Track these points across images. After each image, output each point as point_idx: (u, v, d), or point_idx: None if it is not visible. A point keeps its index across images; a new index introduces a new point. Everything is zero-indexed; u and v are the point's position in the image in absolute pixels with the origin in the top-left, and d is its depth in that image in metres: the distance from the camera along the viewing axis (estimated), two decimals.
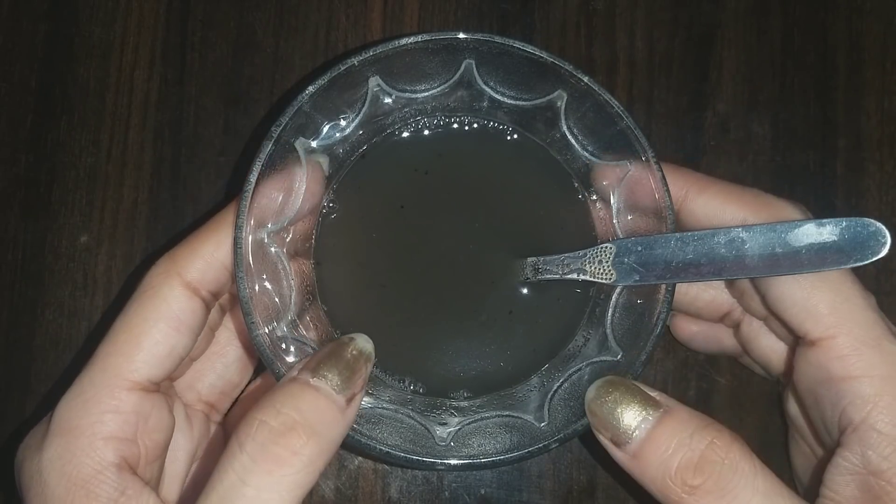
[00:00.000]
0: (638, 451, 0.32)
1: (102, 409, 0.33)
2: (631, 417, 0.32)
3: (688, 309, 0.43)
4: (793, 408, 0.41)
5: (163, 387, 0.37)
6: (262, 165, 0.35)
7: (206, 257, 0.36)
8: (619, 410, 0.32)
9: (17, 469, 0.34)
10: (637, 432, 0.32)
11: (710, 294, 0.42)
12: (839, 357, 0.34)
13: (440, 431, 0.36)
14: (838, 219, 0.33)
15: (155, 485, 0.36)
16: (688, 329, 0.45)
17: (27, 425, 0.35)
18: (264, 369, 0.42)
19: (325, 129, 0.38)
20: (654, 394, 0.33)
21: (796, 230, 0.33)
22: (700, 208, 0.38)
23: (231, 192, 0.49)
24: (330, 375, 0.31)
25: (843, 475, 0.34)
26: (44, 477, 0.32)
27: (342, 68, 0.36)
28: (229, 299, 0.40)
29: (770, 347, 0.41)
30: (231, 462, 0.29)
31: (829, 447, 0.36)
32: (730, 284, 0.42)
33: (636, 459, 0.32)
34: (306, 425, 0.30)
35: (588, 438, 0.34)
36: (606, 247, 0.37)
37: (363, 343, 0.34)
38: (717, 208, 0.37)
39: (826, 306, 0.35)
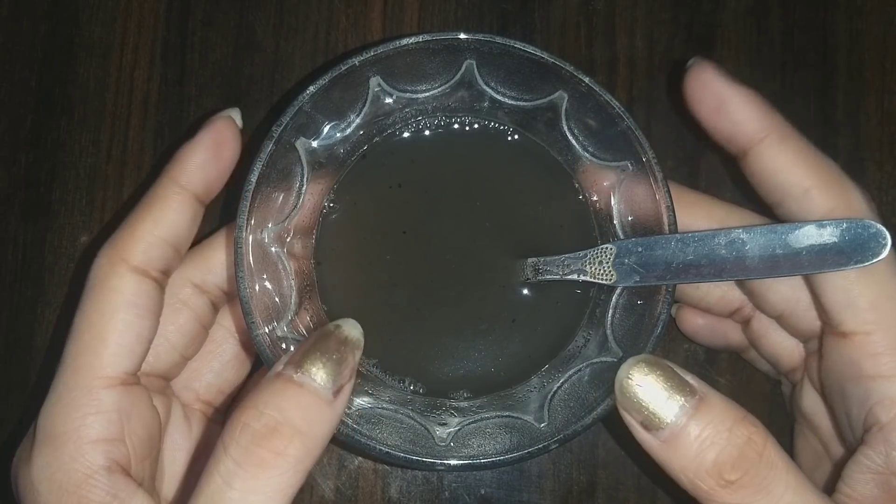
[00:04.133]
0: (671, 438, 0.30)
1: (83, 412, 0.33)
2: (666, 402, 0.31)
3: (698, 303, 0.43)
4: (807, 402, 0.41)
5: (156, 385, 0.37)
6: (263, 165, 0.35)
7: (146, 237, 0.35)
8: (653, 394, 0.31)
9: (13, 484, 0.34)
10: (672, 419, 0.30)
11: (721, 289, 0.42)
12: (872, 354, 0.34)
13: (440, 432, 0.36)
14: (839, 220, 0.33)
15: (149, 484, 0.35)
16: (694, 322, 0.45)
17: (26, 426, 0.35)
18: (261, 366, 0.42)
19: (326, 129, 0.38)
20: (689, 378, 0.31)
21: (797, 232, 0.33)
22: (771, 159, 0.36)
23: (231, 192, 0.49)
24: (314, 369, 0.30)
25: (864, 473, 0.34)
26: (35, 487, 0.32)
27: (343, 68, 0.36)
28: (222, 297, 0.40)
29: (780, 343, 0.41)
30: (217, 466, 0.29)
31: (850, 443, 0.35)
32: (740, 283, 0.41)
33: (668, 446, 0.31)
34: (289, 425, 0.29)
35: (585, 439, 0.33)
36: (607, 248, 0.37)
37: (349, 329, 0.32)
38: (788, 165, 0.36)
39: (867, 301, 0.34)
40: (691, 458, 0.30)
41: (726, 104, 0.37)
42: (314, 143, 0.38)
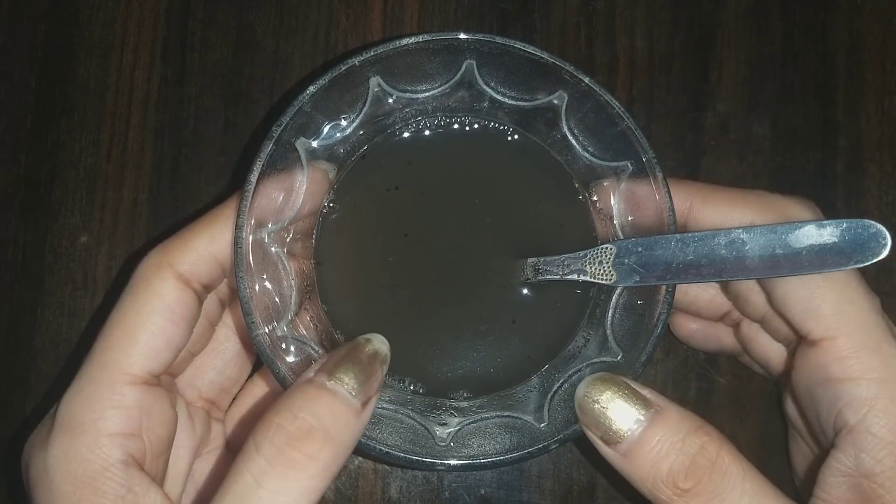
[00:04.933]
0: (629, 451, 0.32)
1: (105, 405, 0.33)
2: (622, 417, 0.32)
3: (687, 308, 0.43)
4: (791, 408, 0.42)
5: (165, 382, 0.37)
6: (263, 165, 0.35)
7: (198, 250, 0.36)
8: (610, 409, 0.32)
9: (23, 468, 0.34)
10: (628, 432, 0.32)
11: (709, 294, 0.42)
12: (838, 358, 0.34)
13: (440, 432, 0.36)
14: (839, 220, 0.33)
15: (160, 480, 0.36)
16: (687, 327, 0.45)
17: (28, 426, 0.35)
18: (262, 366, 0.42)
19: (326, 129, 0.38)
20: (644, 392, 0.33)
21: (797, 231, 0.33)
22: (707, 217, 0.38)
23: (231, 192, 0.49)
24: (346, 378, 0.31)
25: (836, 476, 0.34)
26: (50, 475, 0.32)
27: (343, 68, 0.36)
28: (229, 294, 0.40)
29: (769, 347, 0.41)
30: (247, 464, 0.29)
31: (826, 448, 0.36)
32: (724, 288, 0.42)
33: (626, 459, 0.32)
34: (323, 430, 0.30)
35: (584, 442, 0.34)
36: (607, 248, 0.37)
37: (379, 344, 0.34)
38: (724, 214, 0.37)
39: (829, 307, 0.35)
40: (648, 468, 0.31)
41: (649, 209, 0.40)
42: (314, 143, 0.38)
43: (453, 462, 0.34)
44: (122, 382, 0.34)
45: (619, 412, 0.32)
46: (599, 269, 0.37)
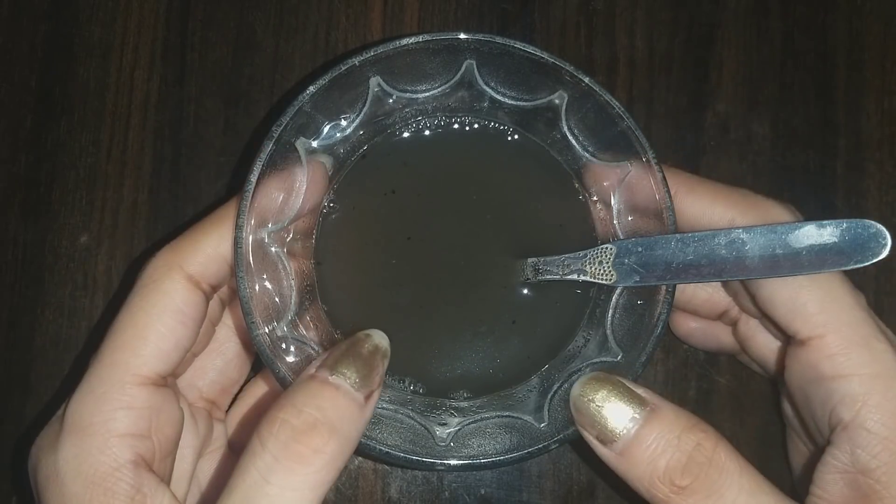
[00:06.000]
0: (625, 450, 0.32)
1: (115, 405, 0.33)
2: (617, 416, 0.32)
3: (685, 306, 0.44)
4: (788, 408, 0.42)
5: (168, 382, 0.37)
6: (263, 165, 0.35)
7: (208, 251, 0.36)
8: (605, 408, 0.32)
9: (31, 469, 0.34)
10: (624, 431, 0.32)
11: (706, 292, 0.42)
12: (828, 356, 0.34)
13: (440, 432, 0.36)
14: (839, 220, 0.33)
15: (167, 481, 0.36)
16: (686, 325, 0.45)
17: (31, 427, 0.35)
18: (262, 366, 0.42)
19: (326, 128, 0.38)
20: (639, 391, 0.33)
21: (797, 231, 0.33)
22: (688, 208, 0.38)
23: (231, 192, 0.49)
24: (348, 373, 0.32)
25: (832, 473, 0.34)
26: (60, 477, 0.32)
27: (343, 68, 0.36)
28: (229, 294, 0.40)
29: (767, 346, 0.41)
30: (253, 460, 0.29)
31: (821, 446, 0.36)
32: (725, 283, 0.42)
33: (622, 458, 0.32)
34: (327, 423, 0.30)
35: (582, 444, 0.34)
36: (607, 248, 0.37)
37: (379, 339, 0.34)
38: (706, 208, 0.37)
39: (815, 305, 0.35)
40: (644, 466, 0.31)
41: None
42: (314, 143, 0.38)
43: (453, 462, 0.34)
44: (131, 383, 0.34)
45: (614, 411, 0.32)
46: (599, 269, 0.37)
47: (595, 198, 0.40)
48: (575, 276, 0.38)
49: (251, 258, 0.35)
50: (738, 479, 0.31)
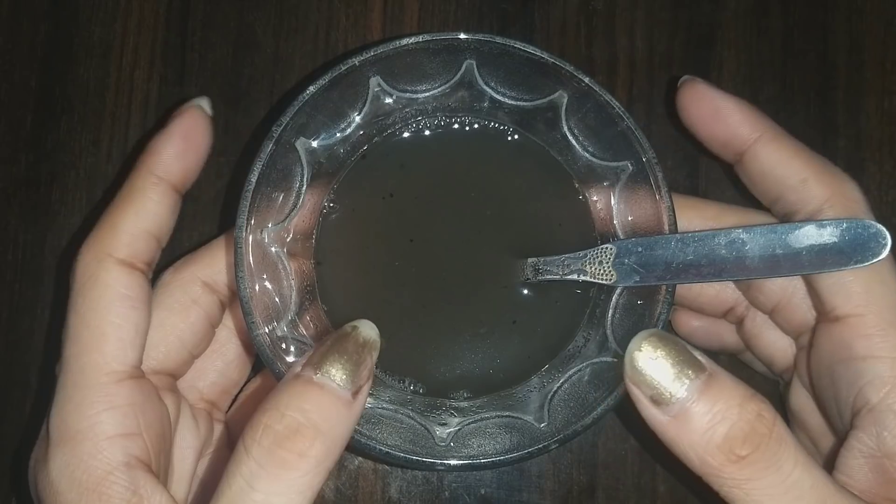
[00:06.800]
0: (681, 414, 0.30)
1: (97, 408, 0.33)
2: (676, 378, 0.30)
3: (691, 304, 0.43)
4: (795, 400, 0.41)
5: (165, 383, 0.37)
6: (263, 165, 0.35)
7: (129, 230, 0.35)
8: (664, 368, 0.30)
9: (31, 487, 0.34)
10: (682, 394, 0.30)
11: (714, 289, 0.42)
12: (864, 336, 0.34)
13: (440, 432, 0.36)
14: (839, 220, 0.33)
15: (164, 478, 0.35)
16: (689, 324, 0.45)
17: (32, 427, 0.35)
18: (263, 367, 0.42)
19: (326, 128, 0.38)
20: (699, 355, 0.31)
21: (797, 231, 0.33)
22: (768, 155, 0.37)
23: (231, 192, 0.49)
24: (334, 370, 0.30)
25: (857, 458, 0.34)
26: (55, 487, 0.32)
27: (343, 68, 0.36)
28: (229, 296, 0.40)
29: (774, 344, 0.41)
30: (238, 467, 0.29)
31: (839, 431, 0.35)
32: None
33: (676, 422, 0.30)
34: (311, 426, 0.29)
35: (582, 441, 0.33)
36: (607, 248, 0.37)
37: (367, 331, 0.32)
38: (784, 160, 0.37)
39: (860, 284, 0.34)
40: (701, 433, 0.30)
41: (721, 111, 0.39)
42: (314, 143, 0.38)
43: (453, 462, 0.34)
44: (107, 382, 0.33)
45: (673, 373, 0.30)
46: (599, 269, 0.37)
47: (595, 198, 0.40)
48: (575, 276, 0.38)
49: (251, 258, 0.35)
50: (794, 453, 0.30)
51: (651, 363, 0.30)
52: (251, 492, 0.28)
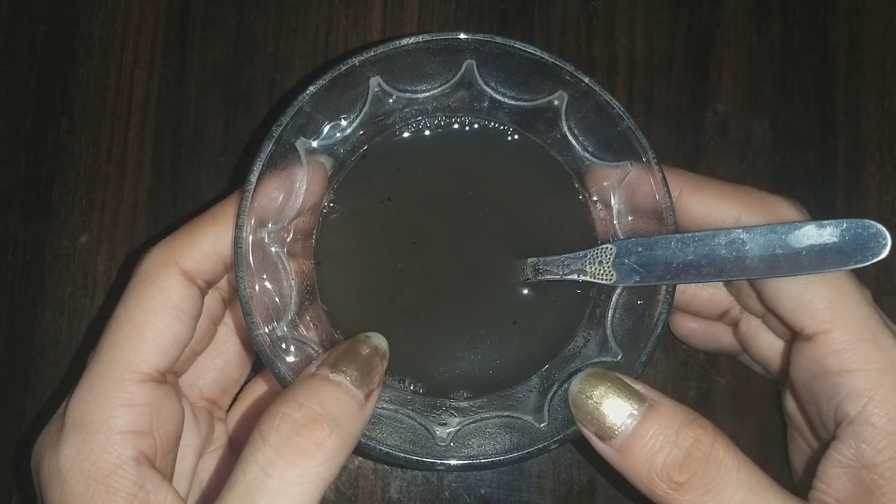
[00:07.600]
0: (623, 446, 0.32)
1: (115, 402, 0.33)
2: (616, 412, 0.32)
3: (686, 307, 0.44)
4: (790, 405, 0.42)
5: (169, 380, 0.37)
6: (263, 165, 0.35)
7: (204, 247, 0.36)
8: (604, 404, 0.32)
9: (34, 468, 0.34)
10: (622, 427, 0.32)
11: (708, 292, 0.42)
12: (835, 351, 0.34)
13: (440, 432, 0.36)
14: (839, 220, 0.33)
15: (169, 477, 0.36)
16: (686, 326, 0.45)
17: (32, 427, 0.35)
18: (262, 366, 0.42)
19: (326, 128, 0.38)
20: (638, 387, 0.33)
21: (797, 231, 0.33)
22: (693, 207, 0.38)
23: (231, 192, 0.49)
24: (349, 371, 0.32)
25: (836, 468, 0.34)
26: (62, 475, 0.32)
27: (343, 68, 0.36)
28: (230, 294, 0.40)
29: (768, 346, 0.41)
30: (254, 454, 0.29)
31: (826, 442, 0.36)
32: (727, 282, 0.42)
33: (621, 454, 0.32)
34: (329, 418, 0.30)
35: (583, 442, 0.34)
36: (607, 248, 0.37)
37: (378, 341, 0.34)
38: (711, 206, 0.38)
39: (821, 301, 0.35)
40: (642, 463, 0.31)
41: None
42: (314, 143, 0.38)
43: (453, 462, 0.34)
44: (131, 380, 0.34)
45: (613, 407, 0.32)
46: (599, 269, 0.37)
47: (595, 198, 0.40)
48: (575, 276, 0.38)
49: (251, 258, 0.35)
50: (736, 475, 0.31)
51: (590, 402, 0.32)
52: (266, 479, 0.29)
